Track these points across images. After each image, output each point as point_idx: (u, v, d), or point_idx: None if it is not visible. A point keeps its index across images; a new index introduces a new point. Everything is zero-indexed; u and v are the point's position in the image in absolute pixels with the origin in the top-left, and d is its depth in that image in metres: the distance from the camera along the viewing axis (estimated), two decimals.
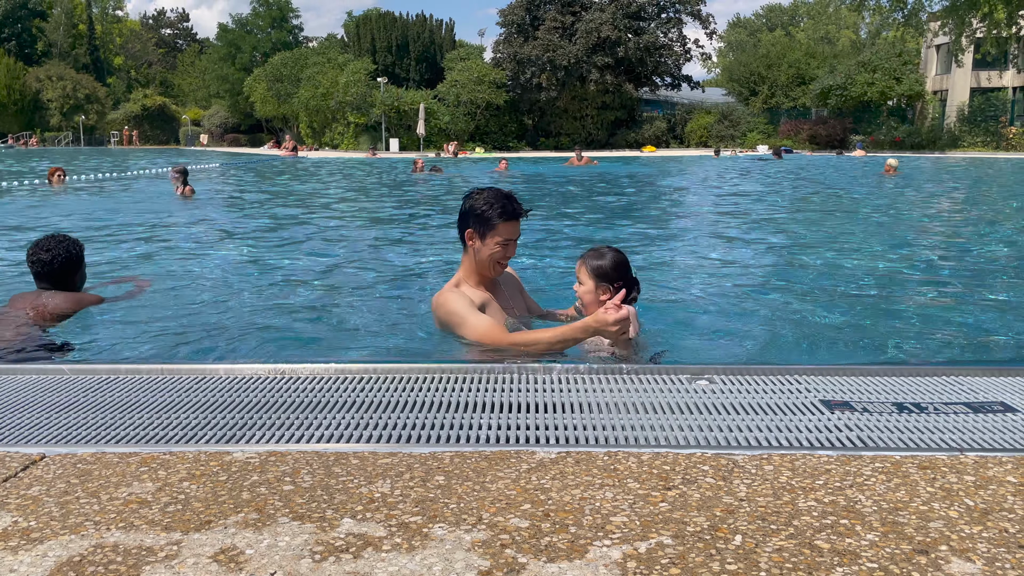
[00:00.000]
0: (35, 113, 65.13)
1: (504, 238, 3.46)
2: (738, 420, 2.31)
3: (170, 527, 1.67)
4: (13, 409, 2.43)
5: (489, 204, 3.45)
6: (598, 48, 43.67)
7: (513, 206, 3.48)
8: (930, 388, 2.60)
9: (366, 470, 1.96)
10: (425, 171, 21.32)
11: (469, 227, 3.51)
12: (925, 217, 11.26)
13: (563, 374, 2.79)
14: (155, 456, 2.05)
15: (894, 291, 5.50)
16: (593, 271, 3.38)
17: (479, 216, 3.47)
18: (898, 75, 42.58)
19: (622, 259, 3.43)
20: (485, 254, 3.49)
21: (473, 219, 3.49)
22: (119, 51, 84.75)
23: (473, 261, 3.55)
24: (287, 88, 50.69)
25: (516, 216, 3.48)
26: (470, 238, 3.52)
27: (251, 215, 11.71)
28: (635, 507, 1.75)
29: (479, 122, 45.71)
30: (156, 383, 2.70)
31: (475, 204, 3.49)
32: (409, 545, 1.58)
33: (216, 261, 6.94)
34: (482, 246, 3.48)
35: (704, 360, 3.77)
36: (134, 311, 4.66)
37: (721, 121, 46.52)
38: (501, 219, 3.44)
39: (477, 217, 3.48)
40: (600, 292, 3.37)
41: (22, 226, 9.47)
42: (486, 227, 3.46)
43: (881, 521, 1.68)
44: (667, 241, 8.58)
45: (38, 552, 1.57)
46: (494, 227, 3.45)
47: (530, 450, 2.10)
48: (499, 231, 3.45)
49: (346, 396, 2.55)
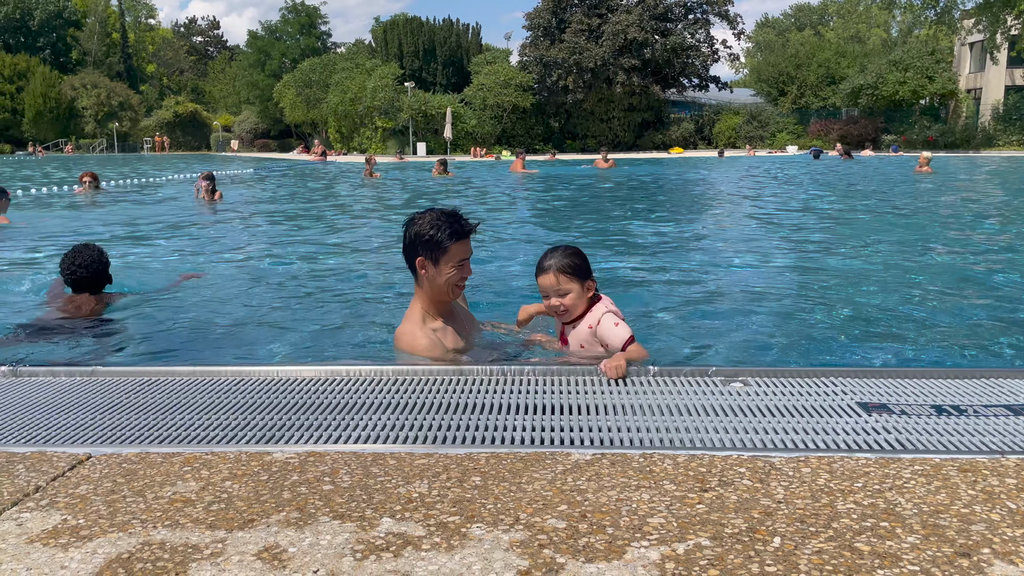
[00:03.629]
0: (70, 121, 66.39)
1: (459, 259, 3.27)
2: (774, 422, 2.30)
3: (214, 525, 1.70)
4: (59, 410, 2.49)
5: (436, 227, 3.24)
6: (625, 50, 43.58)
7: (461, 224, 3.28)
8: (969, 390, 2.57)
9: (403, 470, 1.99)
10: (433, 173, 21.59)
11: (419, 255, 3.28)
12: (961, 217, 11.09)
13: (596, 376, 2.79)
14: (197, 456, 2.09)
15: (929, 293, 5.43)
16: (573, 272, 3.24)
17: (428, 241, 3.25)
18: (931, 73, 41.97)
19: (575, 248, 3.34)
20: (441, 280, 3.28)
21: (422, 246, 3.27)
22: (151, 59, 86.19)
23: (430, 290, 3.33)
24: (316, 93, 51.24)
25: (466, 234, 3.29)
26: (422, 266, 3.29)
27: (284, 219, 11.84)
28: (672, 508, 1.75)
29: (505, 125, 45.83)
30: (197, 385, 2.75)
31: (421, 230, 3.26)
32: (448, 544, 1.60)
33: (253, 264, 7.03)
34: (436, 272, 3.27)
35: (738, 362, 3.75)
36: (173, 313, 4.74)
37: (749, 122, 46.20)
38: (452, 240, 3.24)
39: (426, 243, 3.25)
40: (587, 288, 3.28)
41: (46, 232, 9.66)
42: (438, 251, 3.25)
43: (922, 524, 1.66)
44: (700, 243, 8.54)
45: (88, 549, 1.61)
46: (446, 250, 3.24)
47: (565, 451, 2.11)
48: (452, 253, 3.25)
49: (382, 398, 2.58)
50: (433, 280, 3.30)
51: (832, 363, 3.72)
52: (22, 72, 65.75)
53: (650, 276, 6.26)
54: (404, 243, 3.33)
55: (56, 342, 4.05)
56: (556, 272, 3.24)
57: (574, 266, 3.25)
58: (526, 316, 3.67)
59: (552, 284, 3.24)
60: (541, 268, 3.28)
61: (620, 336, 3.16)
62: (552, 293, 3.26)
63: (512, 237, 9.08)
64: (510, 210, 12.69)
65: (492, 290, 5.44)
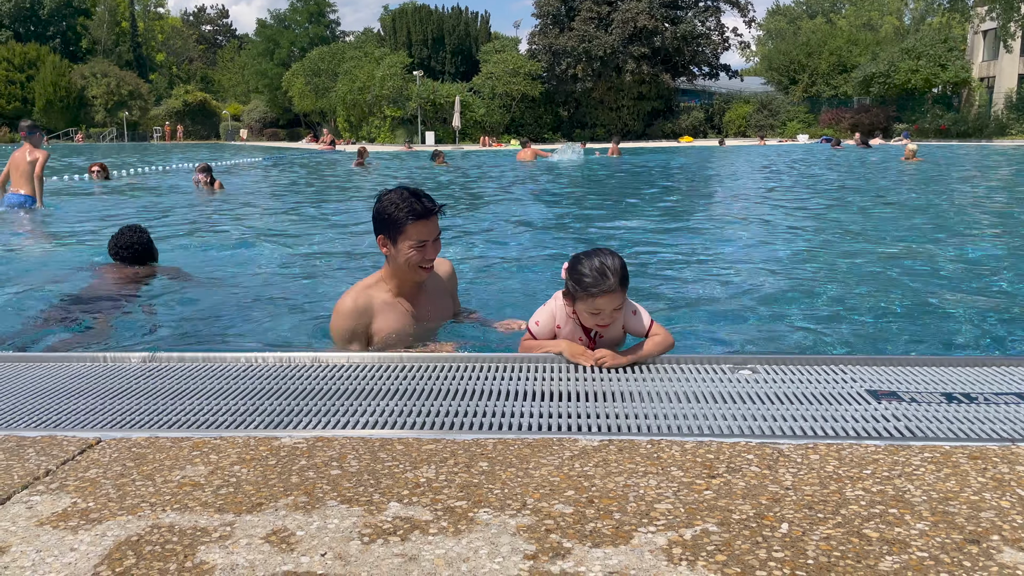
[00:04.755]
0: (80, 110, 66.58)
1: (417, 240, 3.18)
2: (782, 409, 2.30)
3: (223, 509, 1.71)
4: (69, 395, 2.50)
5: (395, 205, 3.17)
6: (634, 38, 43.33)
7: (422, 204, 3.18)
8: (980, 378, 2.56)
9: (411, 456, 1.99)
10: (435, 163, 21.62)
11: (379, 233, 3.25)
12: (971, 206, 11.01)
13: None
14: (206, 441, 2.10)
15: (940, 281, 5.40)
16: (623, 284, 2.83)
17: (386, 220, 3.20)
18: (943, 62, 41.60)
19: (614, 253, 2.87)
20: (401, 260, 3.22)
21: (381, 224, 3.23)
22: (161, 48, 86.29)
23: (394, 267, 3.29)
24: (324, 82, 51.21)
25: (427, 214, 3.19)
26: (383, 244, 3.26)
27: (293, 207, 11.86)
28: (679, 495, 1.75)
29: (514, 114, 45.70)
30: (205, 370, 2.76)
31: (382, 207, 3.22)
32: (455, 529, 1.61)
33: (259, 251, 7.05)
34: (396, 251, 3.21)
35: (747, 349, 3.74)
36: (185, 300, 4.76)
37: (760, 110, 45.93)
38: (410, 219, 3.15)
39: (384, 221, 3.21)
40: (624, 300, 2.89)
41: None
42: (395, 231, 3.18)
43: (931, 511, 1.66)
44: (708, 231, 8.51)
45: (97, 532, 1.62)
46: (403, 230, 3.17)
47: (572, 438, 2.11)
48: (409, 233, 3.17)
49: (390, 384, 2.58)
50: (394, 260, 3.25)
51: (841, 350, 3.71)
52: (32, 61, 65.91)
53: (658, 264, 6.25)
54: (372, 220, 3.30)
55: (75, 325, 4.10)
56: (622, 291, 2.80)
57: (627, 276, 2.85)
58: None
59: (617, 303, 2.81)
60: (601, 288, 2.75)
61: (644, 322, 2.90)
62: (610, 310, 2.82)
63: (516, 228, 9.07)
64: (516, 202, 12.66)
65: (495, 286, 5.43)
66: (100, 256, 5.62)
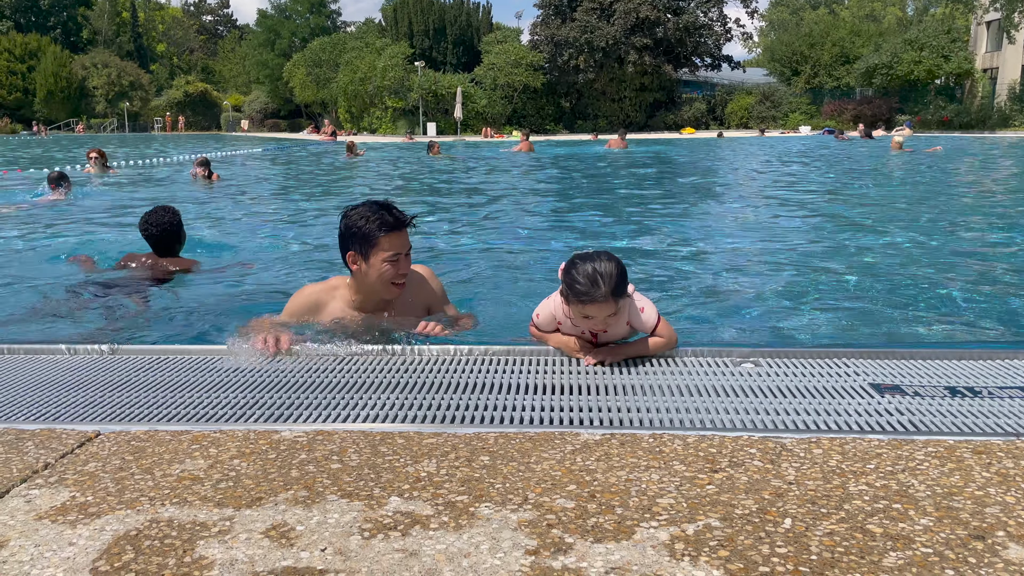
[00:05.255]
0: (81, 100, 66.45)
1: (391, 253, 3.07)
2: (785, 403, 2.28)
3: (222, 503, 1.70)
4: (67, 388, 2.49)
5: (365, 219, 3.06)
6: (637, 29, 43.13)
7: (393, 215, 3.09)
8: (984, 372, 2.54)
9: (412, 450, 1.98)
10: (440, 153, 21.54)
11: (349, 249, 3.12)
12: (974, 198, 10.98)
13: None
14: (206, 434, 2.09)
15: (943, 274, 5.38)
16: (624, 291, 2.69)
17: (356, 234, 3.08)
18: (946, 53, 41.39)
19: (616, 259, 2.70)
20: (374, 276, 3.11)
21: (351, 239, 3.10)
22: (161, 38, 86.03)
23: (363, 286, 3.18)
24: (326, 73, 51.05)
25: (399, 226, 3.09)
26: (353, 261, 3.13)
27: (292, 198, 11.83)
28: (682, 489, 1.74)
29: (516, 105, 45.55)
30: (206, 363, 2.75)
31: (350, 222, 3.10)
32: (456, 524, 1.59)
33: (259, 243, 7.03)
34: (368, 267, 3.11)
35: (749, 343, 3.72)
36: (190, 293, 4.74)
37: (762, 102, 45.76)
38: (382, 232, 3.05)
39: (354, 236, 3.08)
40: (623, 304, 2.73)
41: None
42: (367, 245, 3.07)
43: (935, 506, 1.64)
44: (710, 223, 8.48)
45: (96, 526, 1.61)
46: (375, 243, 3.06)
47: (574, 431, 2.10)
48: (382, 246, 3.06)
49: (390, 377, 2.57)
50: (366, 276, 3.13)
51: (844, 344, 3.69)
52: (33, 51, 65.78)
53: (660, 256, 6.23)
54: (338, 236, 3.17)
55: (83, 316, 4.11)
56: (614, 300, 2.64)
57: (624, 285, 2.68)
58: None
59: (609, 311, 2.67)
60: (592, 297, 2.60)
61: (650, 321, 2.80)
62: (603, 317, 2.68)
63: (515, 220, 9.05)
64: (515, 193, 12.63)
65: (495, 282, 5.41)
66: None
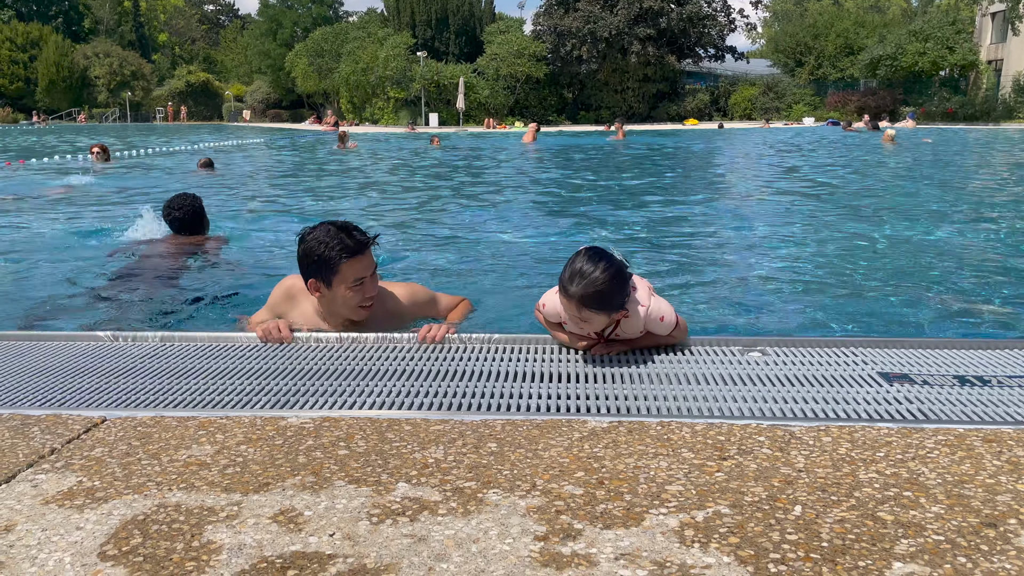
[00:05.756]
0: (83, 90, 66.36)
1: (354, 279, 2.91)
2: (793, 392, 2.27)
3: (230, 488, 1.69)
4: (73, 374, 2.49)
5: (324, 244, 2.87)
6: (640, 19, 42.95)
7: (353, 238, 2.91)
8: (993, 361, 2.53)
9: (419, 436, 1.97)
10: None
11: (310, 277, 2.95)
12: (981, 188, 10.94)
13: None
14: (212, 420, 2.09)
15: (952, 262, 5.36)
16: (602, 307, 2.51)
17: (316, 262, 2.90)
18: (951, 44, 41.18)
19: (612, 267, 2.50)
20: (339, 302, 2.96)
21: (310, 267, 2.93)
22: (163, 28, 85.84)
23: (329, 311, 3.05)
24: (328, 63, 50.90)
25: (361, 249, 2.91)
26: (314, 289, 2.97)
27: (296, 187, 11.82)
28: (690, 476, 1.73)
29: (519, 96, 45.42)
30: (212, 350, 2.75)
31: (308, 248, 2.91)
32: (464, 509, 1.59)
33: (265, 230, 7.02)
34: (332, 294, 2.94)
35: (757, 332, 3.71)
36: (202, 278, 4.74)
37: (766, 93, 45.61)
38: (343, 258, 2.87)
39: (314, 264, 2.91)
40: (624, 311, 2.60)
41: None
42: (328, 272, 2.90)
43: (946, 494, 1.64)
44: (719, 213, 8.46)
45: (103, 511, 1.60)
46: (337, 270, 2.88)
47: (582, 419, 2.09)
48: (344, 273, 2.89)
49: (397, 364, 2.56)
50: (332, 303, 2.99)
51: (852, 333, 3.68)
52: (35, 41, 65.67)
53: (668, 246, 6.21)
54: (297, 262, 3.00)
55: (87, 304, 4.12)
56: (596, 311, 2.50)
57: (615, 299, 2.51)
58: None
59: (596, 326, 2.59)
60: (567, 294, 2.50)
61: (669, 327, 2.68)
62: (590, 322, 2.57)
63: (519, 211, 9.03)
64: (519, 184, 12.60)
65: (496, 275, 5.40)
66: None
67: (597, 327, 2.60)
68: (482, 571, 1.37)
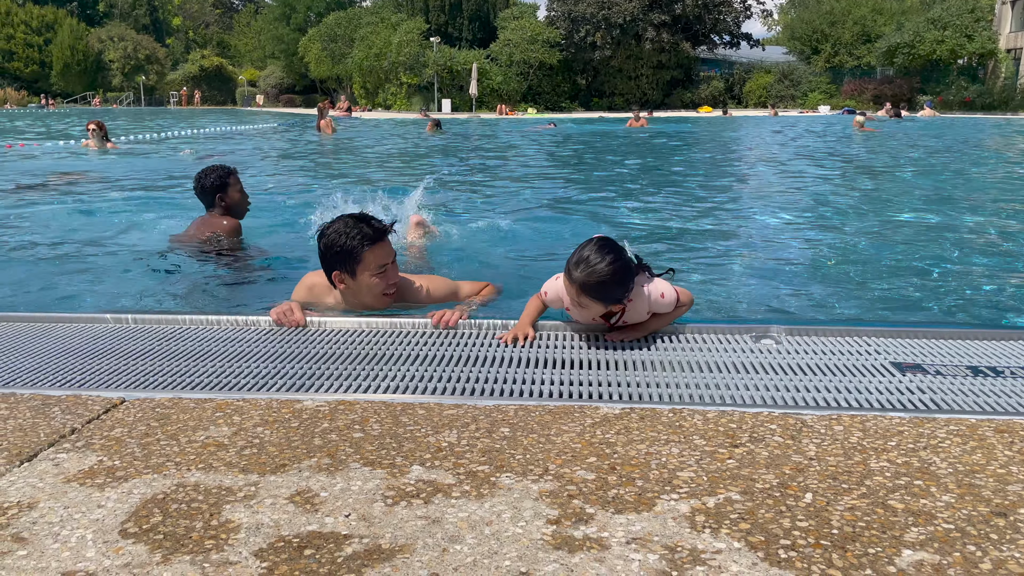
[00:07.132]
0: (97, 74, 66.57)
1: (377, 266, 3.01)
2: (805, 380, 2.28)
3: (247, 469, 1.72)
4: (93, 355, 2.52)
5: (346, 235, 2.97)
6: (655, 5, 42.65)
7: (372, 227, 3.00)
8: (1006, 351, 2.53)
9: (433, 420, 1.99)
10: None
11: (334, 269, 3.04)
12: (1003, 178, 10.85)
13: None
14: (229, 402, 2.11)
15: (966, 252, 5.33)
16: (610, 298, 2.60)
17: (339, 253, 2.99)
18: (970, 32, 40.67)
19: (618, 262, 2.56)
20: (364, 290, 3.06)
21: (334, 259, 3.02)
22: (177, 12, 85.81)
23: (353, 300, 3.13)
24: (341, 48, 50.84)
25: (381, 236, 3.02)
26: (339, 281, 3.06)
27: (314, 174, 11.84)
28: (702, 463, 1.74)
29: (532, 82, 45.25)
30: (229, 333, 2.78)
31: (330, 241, 3.01)
32: (478, 493, 1.61)
33: (284, 216, 7.04)
34: (357, 283, 3.04)
35: (769, 320, 3.70)
36: (202, 265, 4.77)
37: (781, 81, 45.24)
38: (366, 246, 2.97)
39: (337, 255, 3.00)
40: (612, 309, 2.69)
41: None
42: (352, 262, 2.99)
43: (957, 483, 1.64)
44: (732, 200, 8.43)
45: (124, 489, 1.64)
46: (361, 259, 2.98)
47: (594, 405, 2.10)
48: (368, 261, 2.99)
49: (411, 349, 2.58)
50: (356, 292, 3.09)
51: (865, 322, 3.67)
52: (50, 24, 65.86)
53: (680, 233, 6.20)
54: (319, 256, 3.09)
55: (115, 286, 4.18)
56: (597, 301, 2.60)
57: (617, 291, 2.58)
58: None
59: (594, 313, 2.67)
60: (572, 278, 2.58)
61: (671, 302, 2.74)
62: (590, 309, 2.65)
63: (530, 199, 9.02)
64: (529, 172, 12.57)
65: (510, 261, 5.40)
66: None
67: (595, 314, 2.68)
68: (495, 553, 1.39)
